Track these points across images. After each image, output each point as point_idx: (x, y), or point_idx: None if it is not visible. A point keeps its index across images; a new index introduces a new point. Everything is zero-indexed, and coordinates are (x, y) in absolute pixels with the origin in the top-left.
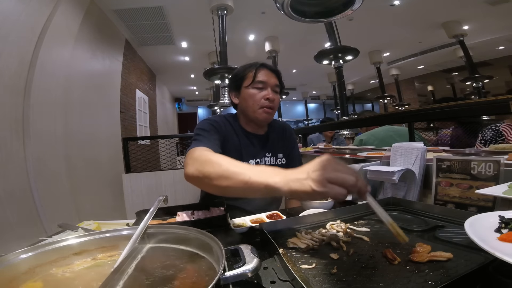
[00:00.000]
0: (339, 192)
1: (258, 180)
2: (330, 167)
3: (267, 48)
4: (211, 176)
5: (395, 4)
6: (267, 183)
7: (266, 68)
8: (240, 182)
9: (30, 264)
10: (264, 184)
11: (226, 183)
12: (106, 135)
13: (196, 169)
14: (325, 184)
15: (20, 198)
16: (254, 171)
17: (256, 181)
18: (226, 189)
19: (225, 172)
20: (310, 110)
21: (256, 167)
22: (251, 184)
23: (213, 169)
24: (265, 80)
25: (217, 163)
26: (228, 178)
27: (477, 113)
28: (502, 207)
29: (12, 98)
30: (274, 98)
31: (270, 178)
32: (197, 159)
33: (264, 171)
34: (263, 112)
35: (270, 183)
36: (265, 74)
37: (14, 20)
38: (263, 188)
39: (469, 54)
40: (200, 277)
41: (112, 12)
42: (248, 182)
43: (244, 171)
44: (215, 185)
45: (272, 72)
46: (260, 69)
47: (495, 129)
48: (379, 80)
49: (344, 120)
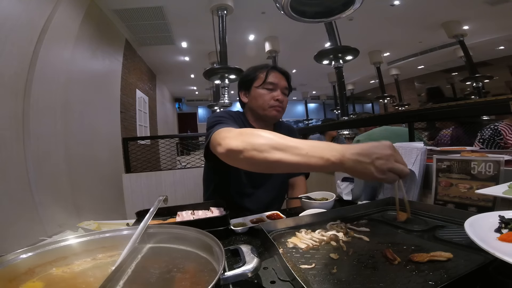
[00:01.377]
0: (394, 180)
1: (317, 154)
2: (393, 157)
3: (267, 48)
4: (262, 148)
5: (395, 4)
6: (327, 158)
7: (277, 70)
8: (296, 155)
9: (30, 264)
10: (324, 159)
11: (279, 156)
12: (106, 135)
13: (243, 141)
14: (386, 173)
15: (20, 198)
16: (310, 146)
17: (315, 155)
18: (277, 163)
19: (279, 145)
20: (310, 110)
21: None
22: (309, 158)
23: (264, 140)
24: (276, 82)
25: (267, 136)
26: (283, 150)
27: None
28: (502, 207)
29: (12, 98)
30: (283, 99)
31: (329, 153)
32: (242, 133)
33: (320, 146)
34: (273, 110)
35: (331, 159)
36: (276, 76)
37: (14, 20)
38: (322, 163)
39: (469, 54)
40: (200, 277)
41: (112, 12)
42: (306, 155)
43: (299, 145)
44: (265, 158)
45: (283, 75)
46: (272, 71)
47: (494, 129)
48: (379, 80)
49: (344, 120)
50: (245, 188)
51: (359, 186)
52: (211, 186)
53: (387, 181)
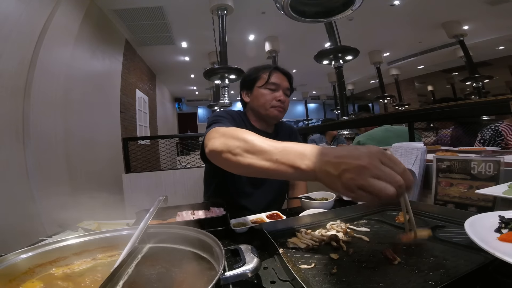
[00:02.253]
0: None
1: (286, 161)
2: (368, 171)
3: (267, 48)
4: (235, 150)
5: (395, 4)
6: (296, 166)
7: (280, 71)
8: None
9: (30, 264)
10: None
11: (250, 160)
12: (106, 135)
13: (222, 142)
14: (355, 191)
15: (20, 198)
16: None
17: (285, 162)
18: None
19: (252, 148)
20: (310, 110)
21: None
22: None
23: (239, 143)
24: (278, 83)
25: (245, 138)
26: (254, 154)
27: (477, 113)
28: (502, 207)
29: (12, 98)
30: (285, 100)
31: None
32: (224, 134)
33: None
34: (274, 110)
35: (300, 167)
36: (278, 77)
37: (14, 20)
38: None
39: (469, 54)
40: (200, 277)
41: (112, 12)
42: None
43: (272, 150)
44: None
45: (285, 76)
46: (274, 72)
47: (495, 129)
48: (379, 80)
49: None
50: (245, 188)
51: None
52: (211, 186)
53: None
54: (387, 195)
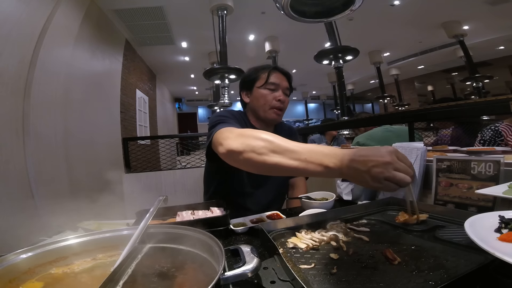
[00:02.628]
0: (392, 189)
1: (316, 161)
2: (392, 165)
3: (267, 48)
4: (260, 150)
5: (395, 4)
6: (326, 165)
7: (279, 71)
8: (294, 160)
9: (30, 264)
10: (323, 165)
11: (277, 159)
12: (106, 135)
13: (243, 143)
14: (382, 181)
15: (20, 198)
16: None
17: (313, 161)
18: (275, 167)
19: (278, 148)
20: (310, 110)
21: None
22: (307, 164)
23: (263, 143)
24: (278, 82)
25: (267, 138)
26: (281, 154)
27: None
28: (502, 207)
29: (12, 98)
30: (285, 100)
31: (328, 160)
32: (242, 134)
33: (320, 152)
34: (273, 113)
35: (329, 165)
36: (278, 77)
37: (14, 20)
38: (321, 169)
39: (469, 54)
40: (200, 277)
41: (112, 12)
42: (304, 161)
43: (298, 150)
44: (263, 161)
45: (284, 75)
46: (273, 72)
47: (495, 129)
48: (379, 80)
49: (344, 120)
50: (245, 188)
51: (359, 186)
52: (211, 186)
53: (385, 189)
54: (406, 183)
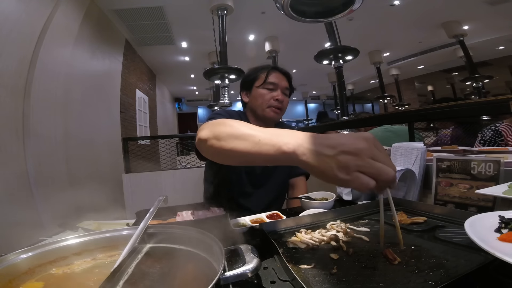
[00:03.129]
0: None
1: (270, 142)
2: (368, 152)
3: (267, 48)
4: (221, 136)
5: (395, 4)
6: (278, 146)
7: (278, 71)
8: (248, 144)
9: (30, 264)
10: (276, 147)
11: (233, 144)
12: (106, 135)
13: (210, 130)
14: (352, 173)
15: (20, 198)
16: (268, 133)
17: (267, 143)
18: (230, 152)
19: (237, 132)
20: (310, 110)
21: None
22: (260, 147)
23: (224, 128)
24: (276, 82)
25: (231, 124)
26: (238, 138)
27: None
28: (502, 207)
29: (12, 98)
30: (283, 99)
31: (282, 141)
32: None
33: (280, 134)
34: (271, 111)
35: (282, 147)
36: (277, 77)
37: (14, 20)
38: (273, 152)
39: (469, 54)
40: (200, 277)
41: (112, 12)
42: (258, 143)
43: (256, 133)
44: (222, 147)
45: (283, 75)
46: (272, 71)
47: (495, 129)
48: (379, 80)
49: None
50: (245, 188)
51: None
52: (211, 186)
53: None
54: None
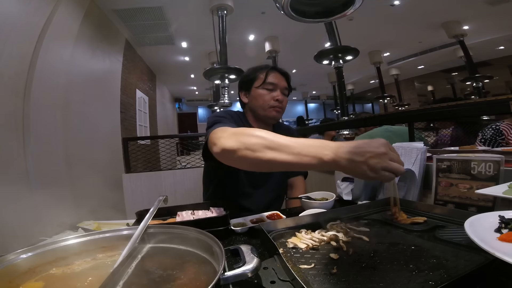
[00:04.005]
0: (389, 178)
1: (309, 154)
2: (387, 156)
3: (267, 48)
4: (254, 147)
5: (395, 4)
6: (319, 157)
7: (277, 71)
8: (288, 154)
9: (30, 264)
10: (317, 158)
11: (272, 155)
12: (106, 135)
13: (237, 140)
14: (379, 172)
15: (20, 198)
16: (302, 144)
17: (307, 154)
18: (270, 162)
19: (272, 144)
20: (310, 110)
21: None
22: (301, 158)
23: (257, 140)
24: (276, 82)
25: (260, 135)
26: (275, 149)
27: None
28: (502, 207)
29: (12, 98)
30: (283, 99)
31: (322, 152)
32: (235, 133)
33: (313, 145)
34: (272, 110)
35: (323, 158)
36: (276, 77)
37: (14, 20)
38: (315, 162)
39: (469, 54)
40: (200, 277)
41: (112, 12)
42: (298, 154)
43: (292, 144)
44: (257, 157)
45: (282, 75)
46: (271, 72)
47: (495, 129)
48: (379, 80)
49: (344, 120)
50: (245, 188)
51: (359, 186)
52: (211, 186)
53: (382, 179)
54: (401, 172)
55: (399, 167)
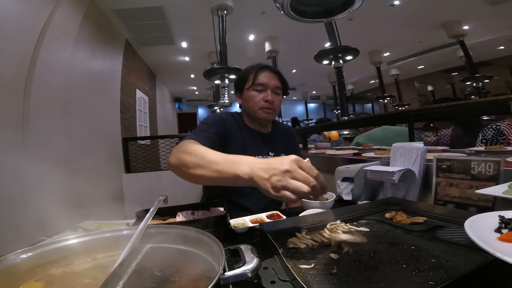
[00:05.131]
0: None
1: (229, 170)
2: (290, 174)
3: (267, 48)
4: (188, 164)
5: (395, 4)
6: (237, 173)
7: (267, 69)
8: (213, 172)
9: (30, 264)
10: (235, 174)
11: (201, 172)
12: (106, 135)
13: (177, 158)
14: (280, 191)
15: (20, 198)
16: (227, 161)
17: (227, 171)
18: (201, 178)
19: (201, 161)
20: (310, 110)
21: (231, 156)
22: (223, 174)
23: (190, 158)
24: (265, 82)
25: (196, 153)
26: (203, 167)
27: (477, 113)
28: (502, 207)
29: (12, 98)
30: (274, 99)
31: (239, 169)
32: (179, 149)
33: (235, 161)
34: (262, 112)
35: (240, 175)
36: (266, 76)
37: (14, 20)
38: (233, 178)
39: (469, 54)
40: (200, 277)
41: (112, 12)
42: (221, 171)
43: (218, 161)
44: (191, 174)
45: (273, 74)
46: (261, 71)
47: (496, 129)
48: (379, 80)
49: (343, 120)
50: (242, 188)
51: (359, 186)
52: (210, 186)
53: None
54: (302, 193)
55: (301, 186)
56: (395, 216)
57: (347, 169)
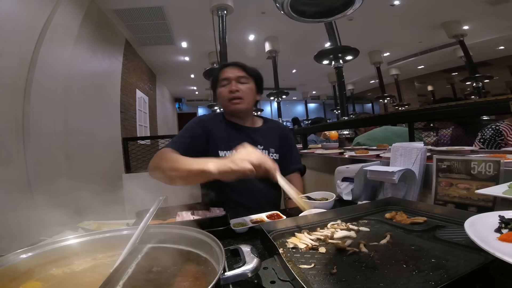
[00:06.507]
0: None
1: (197, 167)
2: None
3: (267, 48)
4: (164, 169)
5: (395, 4)
6: (202, 168)
7: (230, 65)
8: (184, 171)
9: (30, 264)
10: (201, 169)
11: (175, 173)
12: (106, 135)
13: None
14: (237, 163)
15: (20, 198)
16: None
17: (195, 168)
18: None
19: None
20: (310, 110)
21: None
22: (192, 171)
23: (166, 164)
24: (228, 76)
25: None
26: (176, 170)
27: (477, 113)
28: (502, 207)
29: (12, 98)
30: (238, 88)
31: (205, 165)
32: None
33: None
34: (231, 104)
35: (204, 168)
36: (227, 71)
37: (15, 20)
38: (201, 172)
39: (469, 54)
40: (200, 277)
41: (112, 12)
42: (190, 170)
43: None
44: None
45: (236, 67)
46: (224, 68)
47: (495, 129)
48: (379, 80)
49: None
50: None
51: (359, 186)
52: (209, 186)
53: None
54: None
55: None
56: (395, 216)
57: (347, 169)
